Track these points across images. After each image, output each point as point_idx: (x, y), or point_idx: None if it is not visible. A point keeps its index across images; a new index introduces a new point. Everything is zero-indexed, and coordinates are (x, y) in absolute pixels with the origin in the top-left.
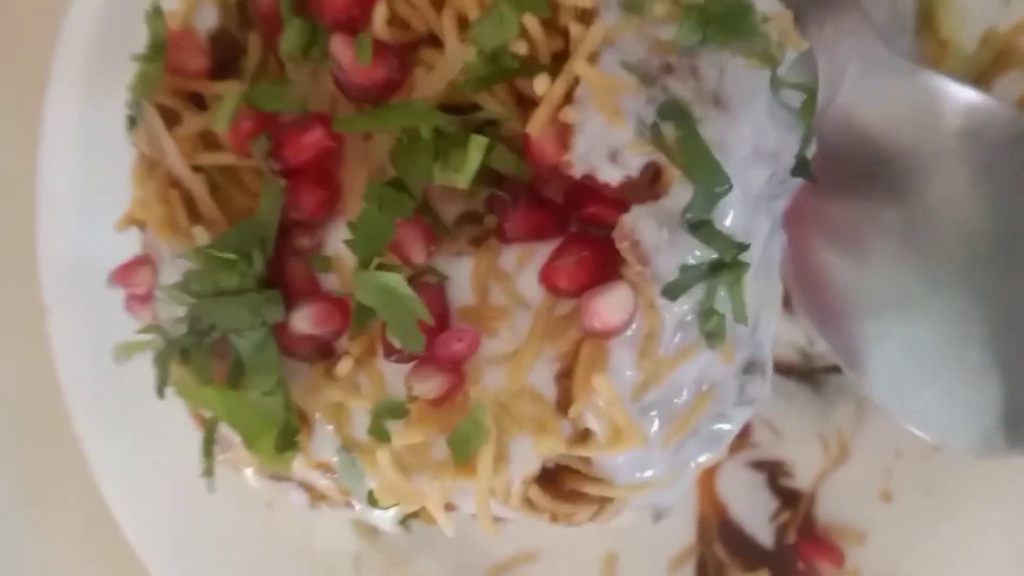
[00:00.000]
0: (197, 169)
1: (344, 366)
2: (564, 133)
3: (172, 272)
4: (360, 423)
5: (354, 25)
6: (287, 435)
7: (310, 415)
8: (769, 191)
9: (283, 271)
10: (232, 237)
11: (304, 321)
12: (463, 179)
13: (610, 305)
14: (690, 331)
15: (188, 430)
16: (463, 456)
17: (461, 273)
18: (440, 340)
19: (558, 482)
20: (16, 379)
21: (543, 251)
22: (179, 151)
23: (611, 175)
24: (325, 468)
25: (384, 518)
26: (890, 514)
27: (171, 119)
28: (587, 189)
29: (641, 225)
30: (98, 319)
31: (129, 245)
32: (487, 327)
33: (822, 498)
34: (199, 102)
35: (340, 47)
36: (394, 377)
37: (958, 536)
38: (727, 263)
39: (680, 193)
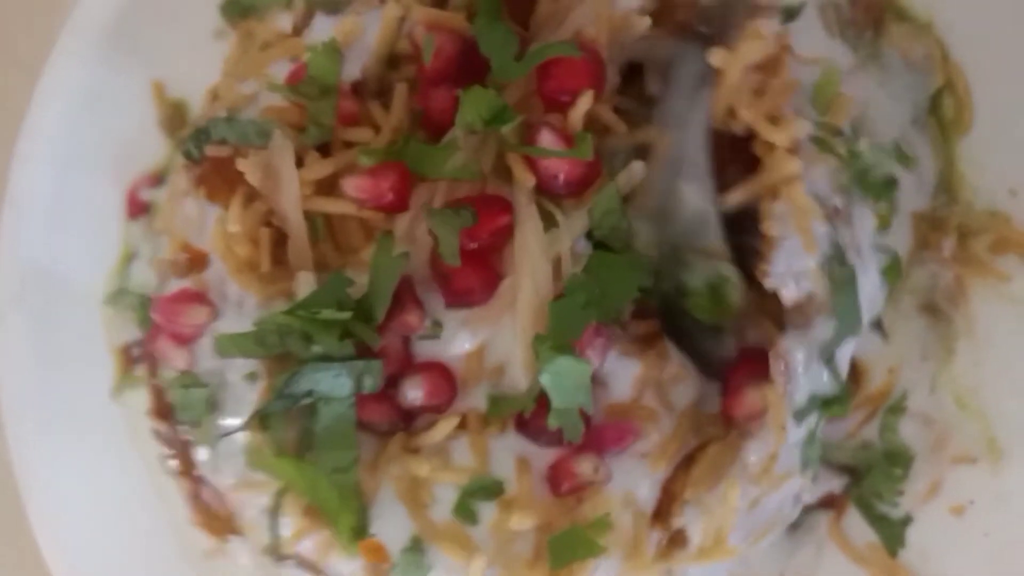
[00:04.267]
0: None
1: (441, 430)
2: None
3: (237, 320)
4: (441, 504)
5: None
6: (364, 515)
7: (370, 494)
8: None
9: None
10: (338, 293)
11: (416, 391)
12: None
13: (756, 396)
14: (793, 456)
15: (127, 459)
16: (560, 563)
17: (624, 372)
18: (597, 430)
19: None
20: None
21: None
22: (299, 192)
23: (792, 295)
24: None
25: None
26: None
27: None
28: None
29: (794, 350)
30: (45, 331)
31: (93, 258)
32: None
33: None
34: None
35: (550, 139)
36: (500, 455)
37: None
38: (835, 398)
39: (823, 327)
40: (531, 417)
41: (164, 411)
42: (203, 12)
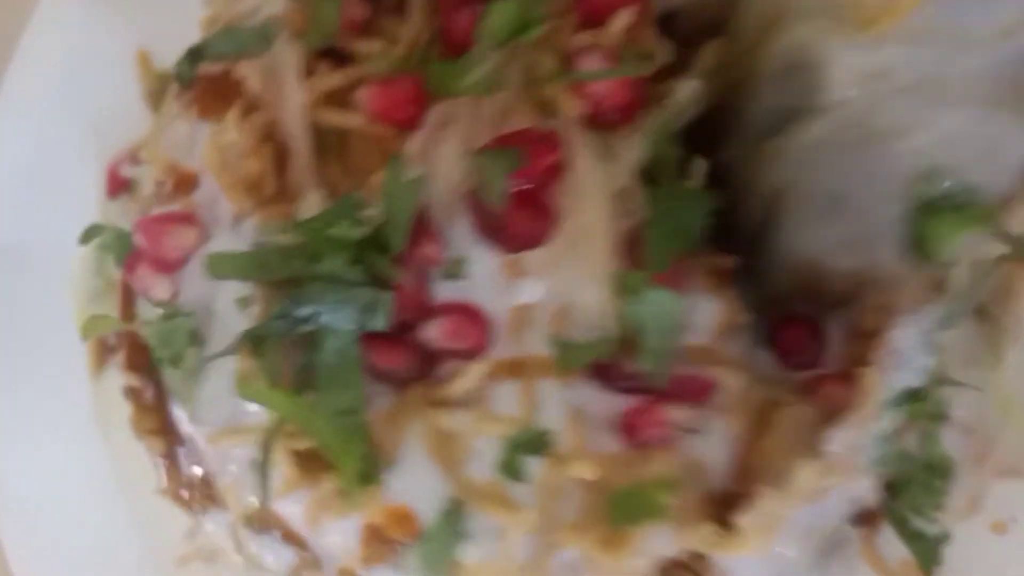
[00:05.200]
0: None
1: (471, 377)
2: None
3: (230, 242)
4: (481, 462)
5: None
6: (372, 462)
7: (390, 451)
8: None
9: None
10: (355, 214)
11: (434, 330)
12: None
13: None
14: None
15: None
16: (624, 521)
17: (704, 313)
18: (678, 379)
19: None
20: None
21: None
22: (304, 102)
23: None
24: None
25: None
26: None
27: None
28: None
29: (907, 334)
30: (11, 315)
31: (69, 241)
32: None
33: None
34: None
35: (594, 61)
36: (550, 405)
37: None
38: (922, 395)
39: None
40: (611, 363)
41: (140, 361)
42: None
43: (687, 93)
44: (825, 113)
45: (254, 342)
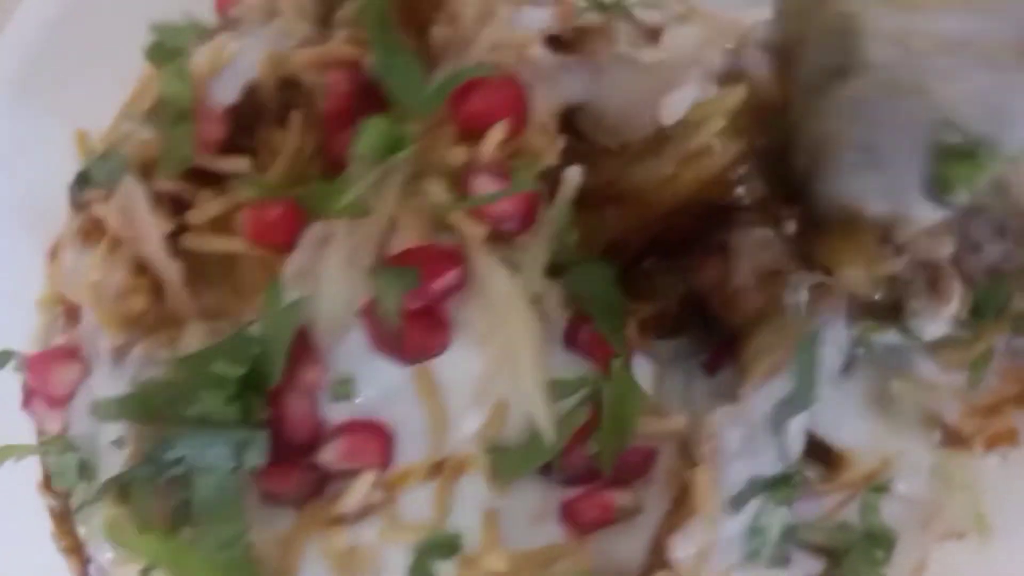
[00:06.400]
0: None
1: (360, 489)
2: None
3: (111, 380)
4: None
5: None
6: None
7: (294, 570)
8: None
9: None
10: (235, 349)
11: (333, 453)
12: None
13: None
14: (734, 550)
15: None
16: None
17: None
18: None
19: None
20: None
21: None
22: (162, 235)
23: None
24: None
25: None
26: None
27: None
28: None
29: (725, 430)
30: None
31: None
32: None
33: None
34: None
35: (487, 182)
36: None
37: None
38: (785, 478)
39: (765, 399)
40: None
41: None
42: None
43: (573, 179)
44: (864, 71)
45: (121, 487)
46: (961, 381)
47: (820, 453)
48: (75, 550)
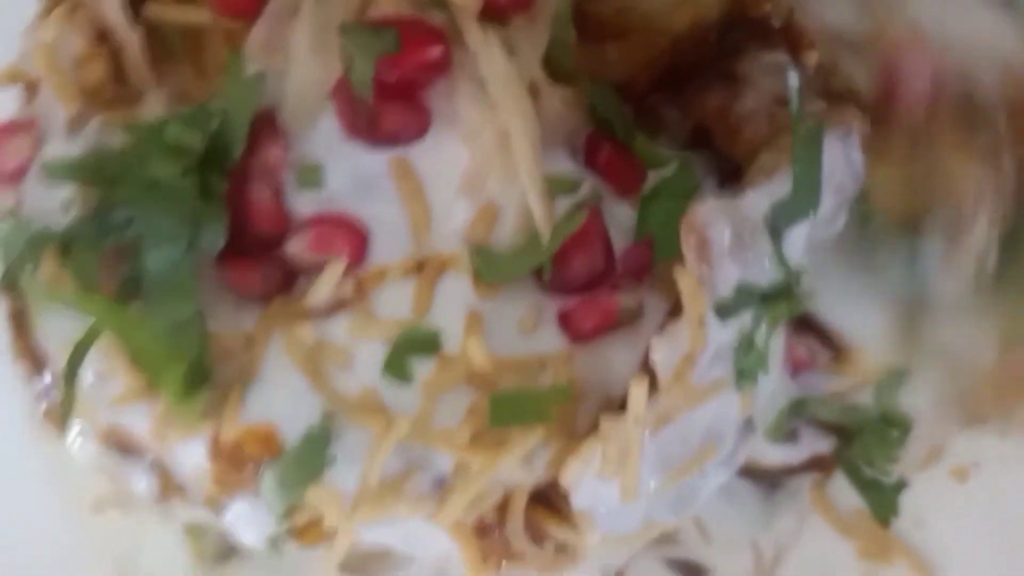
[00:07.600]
0: None
1: (327, 282)
2: None
3: (65, 147)
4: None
5: None
6: (199, 370)
7: (251, 369)
8: None
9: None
10: (193, 119)
11: (299, 245)
12: None
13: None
14: (722, 365)
15: None
16: (500, 421)
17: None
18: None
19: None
20: None
21: None
22: None
23: None
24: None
25: (253, 531)
26: None
27: None
28: None
29: (715, 223)
30: None
31: None
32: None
33: None
34: None
35: None
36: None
37: None
38: (782, 293)
39: (762, 197)
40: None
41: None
42: None
43: None
44: None
45: (63, 244)
46: None
47: (825, 340)
48: (26, 352)
